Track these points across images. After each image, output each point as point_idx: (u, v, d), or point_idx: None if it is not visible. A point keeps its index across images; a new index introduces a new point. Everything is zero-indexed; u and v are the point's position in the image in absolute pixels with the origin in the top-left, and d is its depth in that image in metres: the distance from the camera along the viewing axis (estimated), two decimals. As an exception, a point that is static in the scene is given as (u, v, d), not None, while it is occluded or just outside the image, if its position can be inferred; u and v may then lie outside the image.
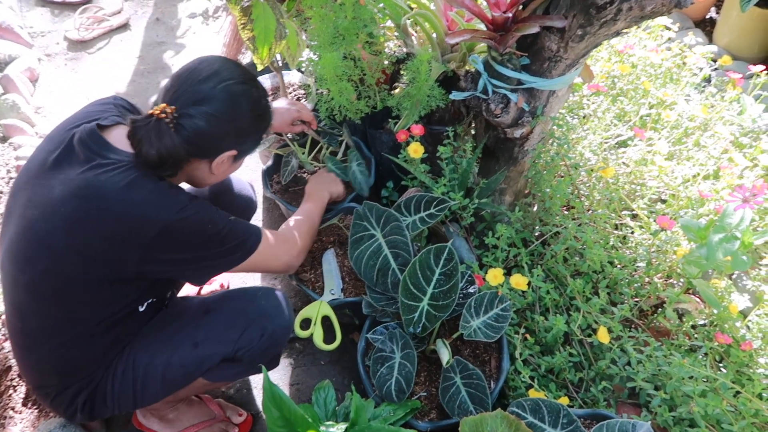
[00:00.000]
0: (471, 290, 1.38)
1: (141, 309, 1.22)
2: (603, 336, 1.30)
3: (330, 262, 1.61)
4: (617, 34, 1.24)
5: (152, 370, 1.21)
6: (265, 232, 1.29)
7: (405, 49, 1.85)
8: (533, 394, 1.26)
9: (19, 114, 2.39)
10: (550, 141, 1.54)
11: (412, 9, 1.73)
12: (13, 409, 1.55)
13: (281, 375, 1.66)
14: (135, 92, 2.68)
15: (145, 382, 1.22)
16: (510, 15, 1.25)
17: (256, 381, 1.65)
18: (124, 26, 3.05)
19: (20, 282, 1.12)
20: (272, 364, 1.36)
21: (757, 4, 1.89)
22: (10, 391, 1.59)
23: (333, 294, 1.54)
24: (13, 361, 1.64)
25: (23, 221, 1.10)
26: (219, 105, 1.11)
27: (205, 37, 3.00)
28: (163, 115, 1.08)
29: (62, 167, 1.10)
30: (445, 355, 1.27)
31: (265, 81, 2.11)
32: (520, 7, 1.28)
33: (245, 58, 2.71)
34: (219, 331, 1.25)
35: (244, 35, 1.35)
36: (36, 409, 1.55)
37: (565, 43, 1.25)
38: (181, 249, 1.14)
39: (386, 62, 1.79)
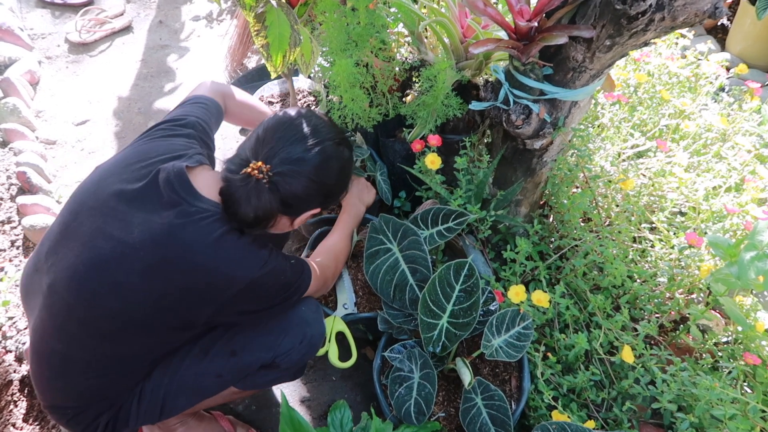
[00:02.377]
0: (492, 307, 1.33)
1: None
2: (627, 355, 1.26)
3: (342, 275, 1.57)
4: (645, 44, 1.20)
5: (184, 382, 1.19)
6: (312, 267, 1.29)
7: (418, 56, 1.81)
8: (556, 416, 1.22)
9: (20, 118, 2.33)
10: (570, 152, 1.50)
11: (424, 13, 1.69)
12: (14, 425, 1.50)
13: (292, 391, 1.62)
14: (138, 96, 2.63)
15: (177, 395, 1.19)
16: (534, 24, 1.21)
17: (266, 399, 1.61)
18: (126, 29, 2.99)
19: (77, 313, 1.06)
20: (299, 373, 1.35)
21: (774, 12, 1.85)
22: (11, 407, 1.54)
23: (346, 308, 1.50)
24: (14, 375, 1.58)
25: (92, 252, 1.05)
26: (312, 168, 1.11)
27: (209, 41, 2.94)
28: (261, 175, 1.06)
29: (143, 205, 1.06)
30: (466, 375, 1.23)
31: (275, 87, 2.07)
32: (544, 15, 1.24)
33: (251, 62, 2.66)
34: (257, 338, 1.22)
35: (257, 42, 1.31)
36: (38, 425, 1.51)
37: (592, 53, 1.21)
38: (257, 302, 1.15)
39: (397, 69, 1.75)
